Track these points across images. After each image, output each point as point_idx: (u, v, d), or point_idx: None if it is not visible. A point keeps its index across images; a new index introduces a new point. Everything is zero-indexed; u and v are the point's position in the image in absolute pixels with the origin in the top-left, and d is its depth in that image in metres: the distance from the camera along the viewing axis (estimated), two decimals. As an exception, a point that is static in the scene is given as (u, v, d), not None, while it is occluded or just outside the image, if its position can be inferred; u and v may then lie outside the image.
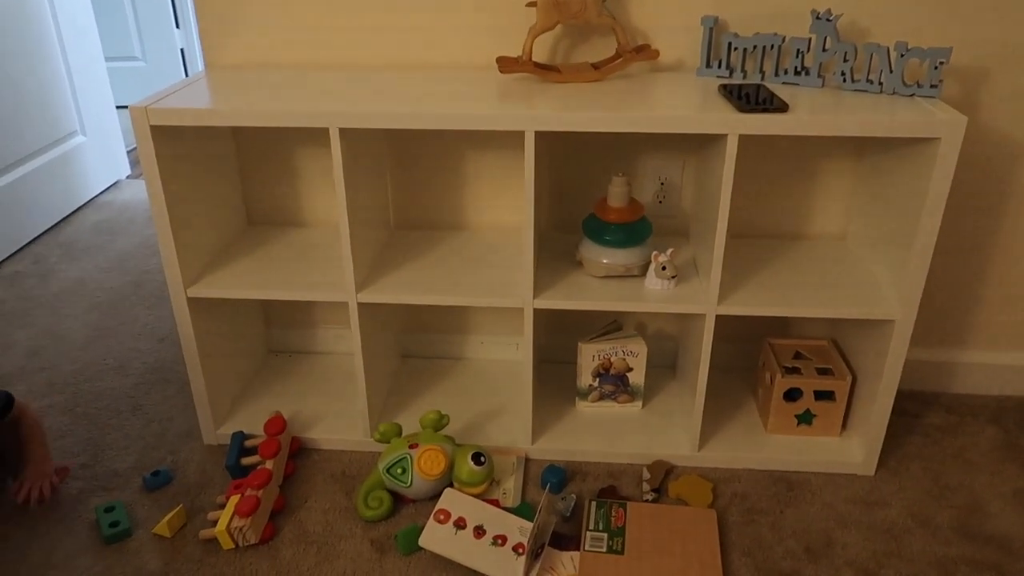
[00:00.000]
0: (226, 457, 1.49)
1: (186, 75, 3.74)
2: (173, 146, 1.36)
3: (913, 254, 1.29)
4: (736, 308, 1.37)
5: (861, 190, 1.52)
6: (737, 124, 1.23)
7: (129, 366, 1.86)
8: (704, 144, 1.44)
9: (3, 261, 2.38)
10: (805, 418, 1.52)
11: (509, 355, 1.80)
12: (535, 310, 1.40)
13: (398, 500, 1.42)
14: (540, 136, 1.27)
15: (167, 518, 1.36)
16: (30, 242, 2.50)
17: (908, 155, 1.32)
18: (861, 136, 1.23)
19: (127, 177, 3.06)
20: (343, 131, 1.29)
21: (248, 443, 1.52)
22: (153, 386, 1.78)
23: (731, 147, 1.24)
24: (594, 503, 1.40)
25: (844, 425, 1.54)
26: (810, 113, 1.23)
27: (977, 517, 1.40)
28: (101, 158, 2.90)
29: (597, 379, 1.60)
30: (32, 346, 1.94)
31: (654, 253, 1.41)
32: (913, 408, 1.66)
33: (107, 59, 2.96)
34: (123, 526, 1.36)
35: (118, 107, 2.98)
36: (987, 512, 1.41)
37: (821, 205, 1.59)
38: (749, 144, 1.31)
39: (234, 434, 1.53)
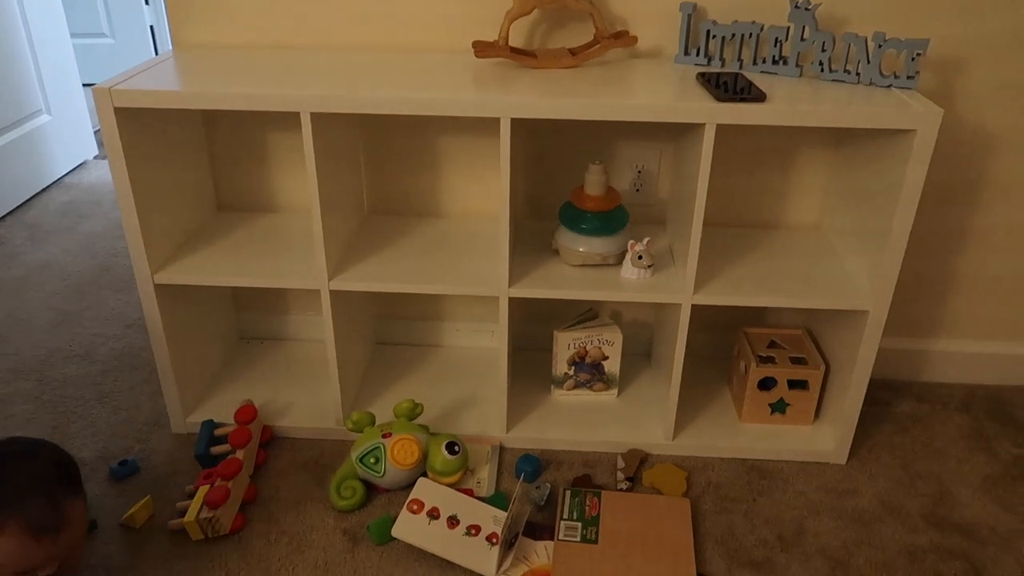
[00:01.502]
0: (196, 446, 1.47)
1: (156, 53, 3.65)
2: (139, 128, 1.33)
3: (887, 245, 1.29)
4: (712, 298, 1.37)
5: (837, 181, 1.52)
6: (715, 113, 1.22)
7: (96, 352, 1.82)
8: (682, 132, 1.43)
9: (-35, 243, 2.32)
10: (779, 407, 1.53)
11: (484, 342, 1.79)
12: (511, 298, 1.39)
13: (371, 490, 1.41)
14: (516, 123, 1.25)
15: (134, 509, 1.34)
16: (-7, 224, 2.44)
17: (884, 146, 1.32)
18: (838, 127, 1.23)
19: (94, 157, 2.99)
20: (315, 116, 1.26)
21: (218, 432, 1.49)
22: (120, 373, 1.74)
23: (708, 136, 1.23)
24: (568, 492, 1.40)
25: (817, 414, 1.55)
26: (788, 103, 1.22)
27: (946, 505, 1.42)
28: (67, 138, 2.82)
29: (572, 367, 1.59)
30: (-5, 331, 1.90)
31: (631, 242, 1.40)
32: (884, 397, 1.68)
33: (73, 36, 2.88)
34: (88, 517, 1.33)
35: (85, 85, 2.90)
36: (956, 500, 1.43)
37: (797, 195, 1.59)
38: (726, 133, 1.30)
39: (204, 422, 1.51)
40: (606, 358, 1.59)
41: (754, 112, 1.21)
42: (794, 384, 1.51)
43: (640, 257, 1.39)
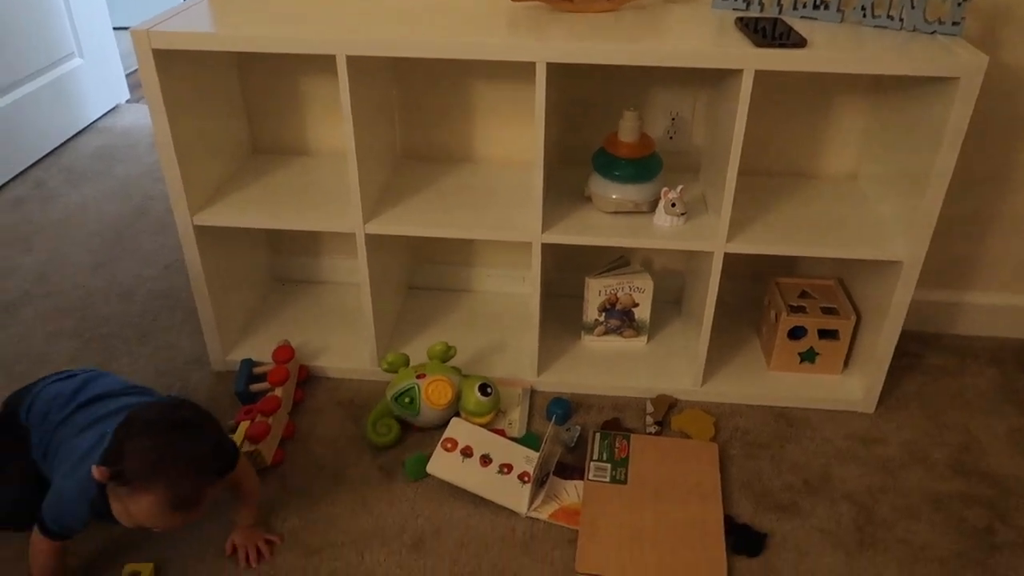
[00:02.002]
0: (235, 384, 1.51)
1: (184, -4, 3.63)
2: (176, 71, 1.34)
3: (925, 195, 1.28)
4: (745, 246, 1.37)
5: (875, 129, 1.50)
6: (753, 59, 1.20)
7: (136, 292, 1.86)
8: (718, 79, 1.42)
9: (4, 185, 2.36)
10: (808, 356, 1.54)
11: (516, 288, 1.80)
12: (543, 244, 1.40)
13: (405, 428, 1.45)
14: (551, 68, 1.24)
15: (179, 442, 1.38)
16: (31, 166, 2.48)
17: (926, 94, 1.29)
18: (879, 74, 1.21)
19: (126, 101, 3.01)
20: (351, 59, 1.26)
21: (257, 370, 1.54)
22: (160, 313, 1.79)
23: (746, 83, 1.22)
24: (598, 434, 1.43)
25: (846, 364, 1.56)
26: (828, 49, 1.21)
27: (972, 455, 1.43)
28: (99, 81, 2.84)
29: (603, 314, 1.61)
30: (38, 271, 1.95)
31: (664, 189, 1.40)
32: (915, 348, 1.68)
33: (103, -23, 2.87)
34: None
35: (115, 28, 2.91)
36: (982, 450, 1.44)
37: (834, 144, 1.57)
38: (763, 79, 1.29)
39: (243, 361, 1.55)
40: (636, 305, 1.60)
41: (794, 58, 1.20)
42: (824, 334, 1.52)
43: (673, 204, 1.39)
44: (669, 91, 1.54)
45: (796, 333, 1.52)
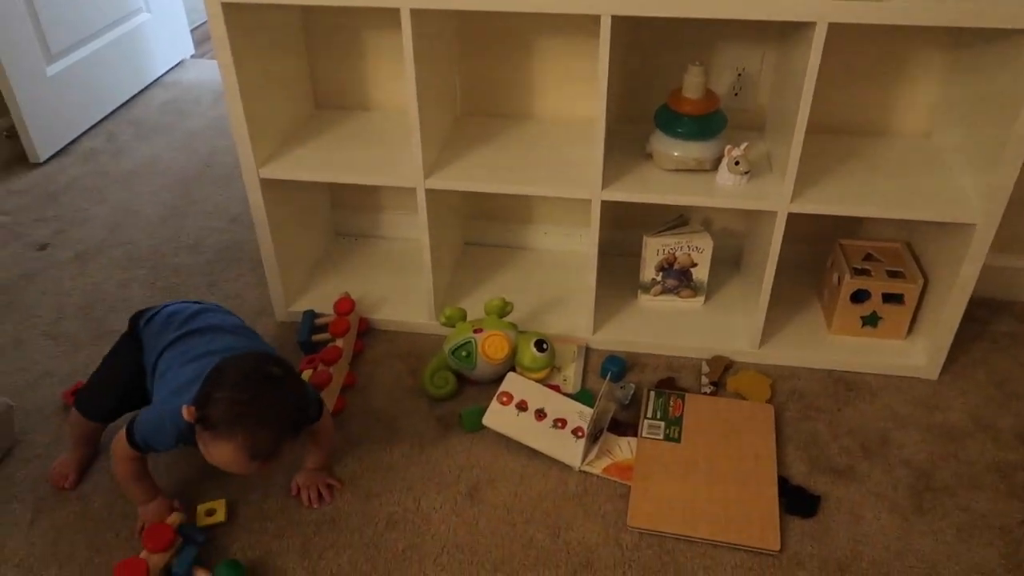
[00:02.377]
0: (298, 333, 1.56)
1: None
2: (243, 24, 1.35)
3: (1004, 155, 1.23)
4: (809, 206, 1.34)
5: (953, 85, 1.44)
6: (828, 11, 1.16)
7: (203, 244, 1.92)
8: (788, 33, 1.37)
9: (78, 138, 2.44)
10: (871, 320, 1.51)
11: (572, 246, 1.80)
12: (602, 202, 1.39)
13: (461, 381, 1.48)
14: (616, 20, 1.22)
15: (245, 388, 1.44)
16: (102, 119, 2.55)
17: (1008, 49, 1.23)
18: (960, 27, 1.15)
19: (191, 56, 3.06)
20: (414, 12, 1.26)
21: (318, 321, 1.58)
22: (227, 264, 1.84)
23: (819, 36, 1.18)
24: (653, 392, 1.43)
25: (910, 329, 1.53)
26: (906, 0, 1.15)
27: (1040, 425, 1.39)
28: (166, 36, 2.89)
29: (660, 273, 1.60)
30: (111, 222, 2.02)
31: (727, 147, 1.37)
32: (983, 315, 1.63)
33: (167, -68, 2.91)
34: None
35: (181, -17, 2.95)
36: (1050, 421, 1.40)
37: (907, 101, 1.51)
38: (835, 32, 1.24)
39: (305, 312, 1.59)
40: (695, 265, 1.58)
41: (871, 10, 1.15)
42: (889, 298, 1.48)
43: (737, 163, 1.37)
44: (736, 46, 1.50)
45: (859, 296, 1.49)
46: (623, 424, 1.38)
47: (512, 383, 1.41)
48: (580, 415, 1.37)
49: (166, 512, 1.19)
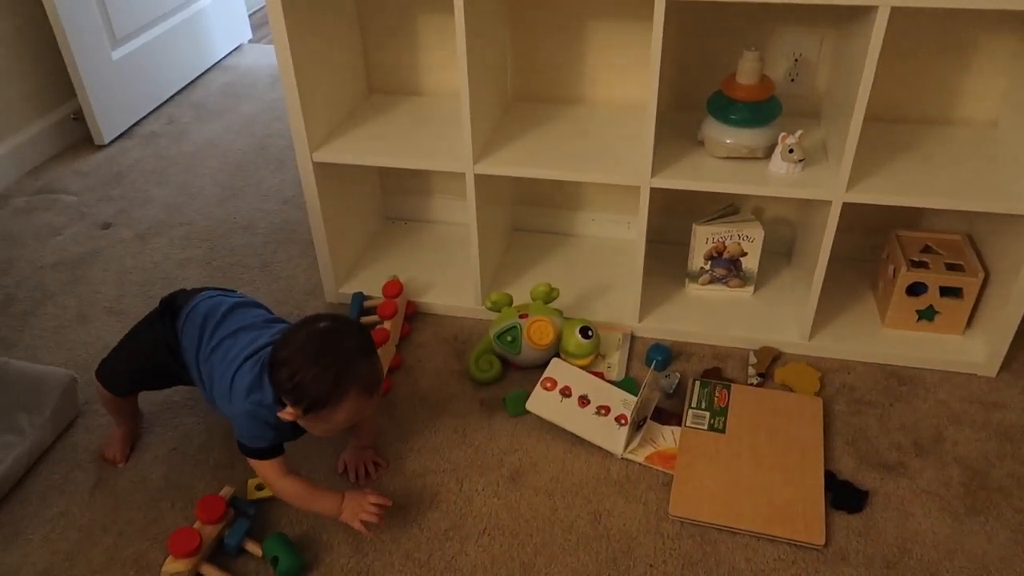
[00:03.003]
0: (348, 314, 1.59)
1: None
2: (299, 8, 1.38)
3: (1074, 146, 1.18)
4: (865, 196, 1.31)
5: (1022, 73, 1.38)
6: (890, -6, 1.13)
7: (257, 225, 1.97)
8: (848, 17, 1.34)
9: (141, 120, 2.51)
10: (927, 314, 1.47)
11: (620, 233, 1.79)
12: (651, 189, 1.38)
13: (506, 366, 1.48)
14: (670, 3, 1.21)
15: (295, 367, 1.47)
16: (164, 102, 2.62)
17: (1085, 33, 1.18)
18: (1032, 10, 1.11)
19: (248, 41, 3.12)
20: (466, -5, 1.26)
21: (367, 303, 1.61)
22: (279, 245, 1.88)
23: (880, 20, 1.15)
24: (698, 382, 1.42)
25: (969, 324, 1.48)
26: (975, -17, 1.12)
27: (1104, 427, 1.34)
28: (225, 21, 2.95)
29: (709, 262, 1.58)
30: (170, 202, 2.08)
31: (782, 135, 1.34)
32: (1047, 311, 1.57)
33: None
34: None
35: (240, -31, 3.00)
36: (1116, 423, 1.35)
37: (972, 87, 1.46)
38: (897, 16, 1.20)
39: (354, 294, 1.62)
40: (745, 254, 1.56)
41: (935, -6, 1.12)
42: (947, 291, 1.44)
43: (791, 151, 1.34)
44: (794, 30, 1.47)
45: (916, 289, 1.45)
46: (667, 413, 1.38)
47: (556, 369, 1.41)
48: (624, 403, 1.37)
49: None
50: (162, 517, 1.25)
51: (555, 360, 1.44)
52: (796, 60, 1.50)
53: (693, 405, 1.38)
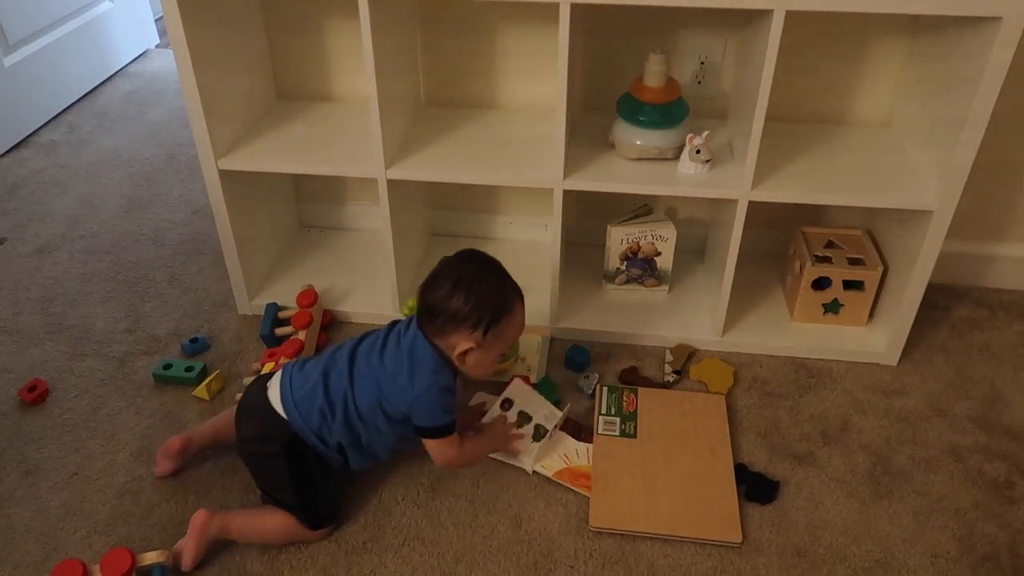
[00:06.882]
0: (260, 327, 1.54)
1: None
2: (201, 13, 1.33)
3: (959, 143, 1.24)
4: (770, 194, 1.35)
5: (911, 73, 1.45)
6: (784, -2, 1.16)
7: (165, 236, 1.90)
8: (747, 20, 1.37)
9: (39, 129, 2.39)
10: (832, 307, 1.52)
11: (537, 236, 1.80)
12: (565, 191, 1.39)
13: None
14: (576, 9, 1.22)
15: (206, 382, 1.42)
16: (63, 110, 2.51)
17: (965, 36, 1.24)
18: (917, 14, 1.16)
19: (156, 46, 3.01)
20: (372, 1, 1.24)
21: (281, 314, 1.56)
22: (189, 257, 1.82)
23: (776, 23, 1.18)
24: (606, 388, 1.42)
25: (871, 315, 1.54)
26: (864, -12, 1.16)
27: (996, 409, 1.41)
28: (129, 26, 2.84)
29: (625, 262, 1.60)
30: (71, 215, 1.98)
31: (689, 136, 1.37)
32: (943, 301, 1.65)
33: (130, -81, 2.85)
34: (197, 367, 1.46)
35: (144, -28, 2.90)
36: (1007, 405, 1.42)
37: (867, 89, 1.52)
38: (795, 21, 1.24)
39: (268, 305, 1.58)
40: (659, 254, 1.59)
41: (827, -2, 1.16)
42: (850, 285, 1.50)
43: (698, 151, 1.37)
44: (698, 34, 1.50)
45: (821, 284, 1.50)
46: (585, 428, 1.36)
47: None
48: (546, 417, 1.34)
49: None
50: (61, 547, 1.18)
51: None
52: (702, 63, 1.53)
53: (603, 411, 1.38)
